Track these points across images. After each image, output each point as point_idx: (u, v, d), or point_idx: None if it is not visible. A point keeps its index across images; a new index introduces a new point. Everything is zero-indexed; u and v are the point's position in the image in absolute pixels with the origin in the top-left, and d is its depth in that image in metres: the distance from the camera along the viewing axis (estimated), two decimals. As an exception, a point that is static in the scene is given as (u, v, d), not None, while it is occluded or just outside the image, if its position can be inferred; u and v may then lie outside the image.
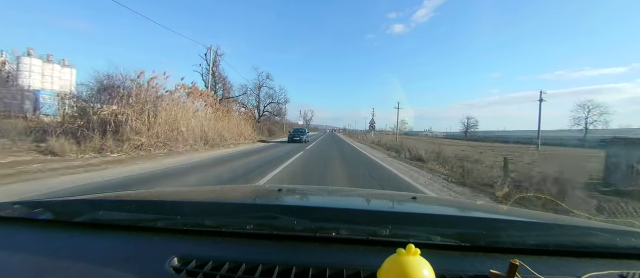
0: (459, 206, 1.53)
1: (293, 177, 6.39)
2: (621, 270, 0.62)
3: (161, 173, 6.03)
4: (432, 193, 5.31)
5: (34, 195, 3.72)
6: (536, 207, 3.49)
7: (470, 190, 5.79)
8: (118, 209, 0.85)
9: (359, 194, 1.64)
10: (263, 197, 1.29)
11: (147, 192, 1.41)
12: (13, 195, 3.77)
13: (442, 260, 0.61)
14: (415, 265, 0.48)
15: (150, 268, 0.58)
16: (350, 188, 3.89)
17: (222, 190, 1.55)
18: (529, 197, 3.91)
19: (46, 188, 4.20)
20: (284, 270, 0.58)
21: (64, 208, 0.85)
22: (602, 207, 3.89)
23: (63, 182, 4.69)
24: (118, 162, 7.14)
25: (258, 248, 0.67)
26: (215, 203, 1.03)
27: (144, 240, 0.71)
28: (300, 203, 1.13)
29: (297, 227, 0.72)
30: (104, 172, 5.68)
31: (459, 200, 3.56)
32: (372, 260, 0.59)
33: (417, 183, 6.32)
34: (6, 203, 0.83)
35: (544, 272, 0.58)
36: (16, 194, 3.81)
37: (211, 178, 5.97)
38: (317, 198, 1.31)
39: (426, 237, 0.69)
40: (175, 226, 0.74)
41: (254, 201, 1.16)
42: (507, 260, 0.56)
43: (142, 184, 5.01)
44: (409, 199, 1.22)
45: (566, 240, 0.74)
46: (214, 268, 0.59)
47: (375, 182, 6.26)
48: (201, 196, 1.23)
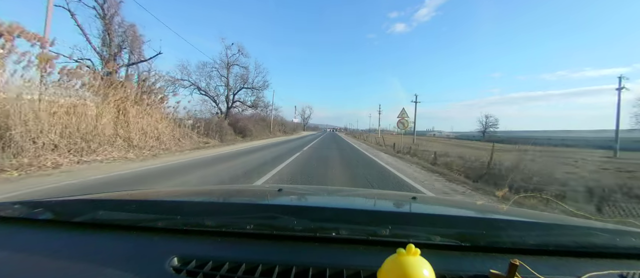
0: (459, 206, 1.53)
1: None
2: (621, 270, 0.62)
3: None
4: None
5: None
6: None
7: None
8: (118, 209, 0.85)
9: (359, 194, 1.64)
10: (263, 197, 1.29)
11: (147, 192, 1.41)
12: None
13: (442, 260, 0.61)
14: (415, 265, 0.48)
15: (150, 268, 0.58)
16: (350, 188, 3.89)
17: (222, 190, 1.55)
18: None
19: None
20: (284, 270, 0.58)
21: (64, 208, 0.85)
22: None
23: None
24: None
25: (258, 248, 0.67)
26: (215, 203, 1.03)
27: (144, 240, 0.71)
28: (300, 203, 1.13)
29: (297, 227, 0.72)
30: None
31: (459, 200, 3.56)
32: (372, 260, 0.59)
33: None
34: (6, 203, 0.83)
35: (544, 272, 0.58)
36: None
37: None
38: (317, 198, 1.31)
39: (426, 237, 0.69)
40: (175, 226, 0.74)
41: (254, 201, 1.16)
42: (507, 260, 0.56)
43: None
44: (409, 199, 1.22)
45: (566, 240, 0.74)
46: (214, 269, 0.59)
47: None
48: (201, 196, 1.23)
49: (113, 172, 5.94)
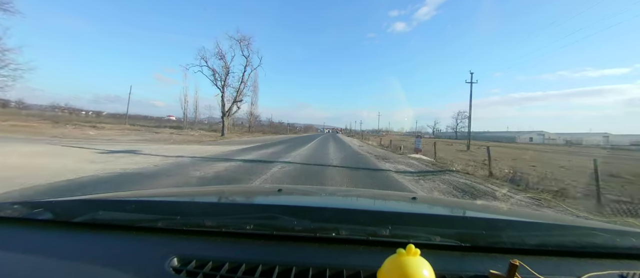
0: (458, 206, 1.53)
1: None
2: (621, 270, 0.62)
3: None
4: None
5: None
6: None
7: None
8: (118, 209, 0.85)
9: (359, 194, 1.64)
10: (263, 197, 1.29)
11: (147, 192, 1.41)
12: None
13: (442, 261, 0.61)
14: (415, 266, 0.48)
15: (150, 268, 0.58)
16: (350, 189, 3.89)
17: (222, 190, 1.55)
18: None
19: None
20: (284, 271, 0.58)
21: (64, 209, 0.85)
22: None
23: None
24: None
25: (258, 249, 0.67)
26: (215, 204, 1.03)
27: (144, 240, 0.71)
28: (300, 203, 1.13)
29: (297, 227, 0.72)
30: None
31: (458, 201, 3.56)
32: (372, 260, 0.59)
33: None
34: (6, 203, 0.83)
35: (544, 272, 0.58)
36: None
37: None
38: (317, 199, 1.31)
39: (426, 237, 0.69)
40: (175, 226, 0.74)
41: (254, 201, 1.16)
42: (507, 260, 0.56)
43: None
44: (409, 199, 1.22)
45: (566, 240, 0.74)
46: (213, 269, 0.59)
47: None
48: (201, 196, 1.23)
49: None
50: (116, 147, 10.40)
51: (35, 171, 5.04)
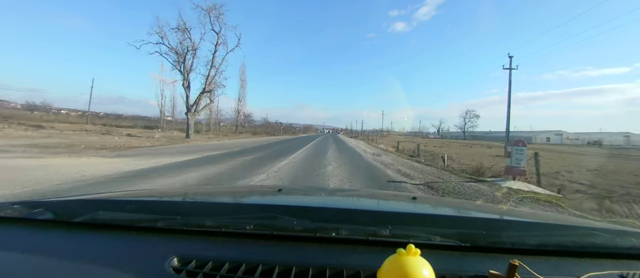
0: (458, 206, 1.53)
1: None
2: (621, 270, 0.62)
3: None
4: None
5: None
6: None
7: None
8: (118, 209, 0.85)
9: (359, 194, 1.64)
10: (263, 197, 1.29)
11: (147, 192, 1.41)
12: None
13: (442, 260, 0.61)
14: (415, 265, 0.48)
15: (150, 268, 0.58)
16: (350, 189, 3.89)
17: (222, 190, 1.55)
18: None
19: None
20: (283, 271, 0.58)
21: (64, 209, 0.84)
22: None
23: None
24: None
25: (258, 249, 0.67)
26: (215, 204, 1.03)
27: (144, 240, 0.71)
28: (300, 203, 1.13)
29: (297, 227, 0.72)
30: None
31: (458, 201, 3.56)
32: (372, 260, 0.59)
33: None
34: (6, 203, 0.83)
35: (544, 272, 0.58)
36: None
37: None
38: (317, 199, 1.31)
39: (426, 237, 0.69)
40: (175, 226, 0.74)
41: (253, 201, 1.16)
42: (507, 260, 0.56)
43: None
44: (409, 199, 1.22)
45: (566, 240, 0.74)
46: (213, 269, 0.59)
47: None
48: (201, 196, 1.23)
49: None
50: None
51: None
